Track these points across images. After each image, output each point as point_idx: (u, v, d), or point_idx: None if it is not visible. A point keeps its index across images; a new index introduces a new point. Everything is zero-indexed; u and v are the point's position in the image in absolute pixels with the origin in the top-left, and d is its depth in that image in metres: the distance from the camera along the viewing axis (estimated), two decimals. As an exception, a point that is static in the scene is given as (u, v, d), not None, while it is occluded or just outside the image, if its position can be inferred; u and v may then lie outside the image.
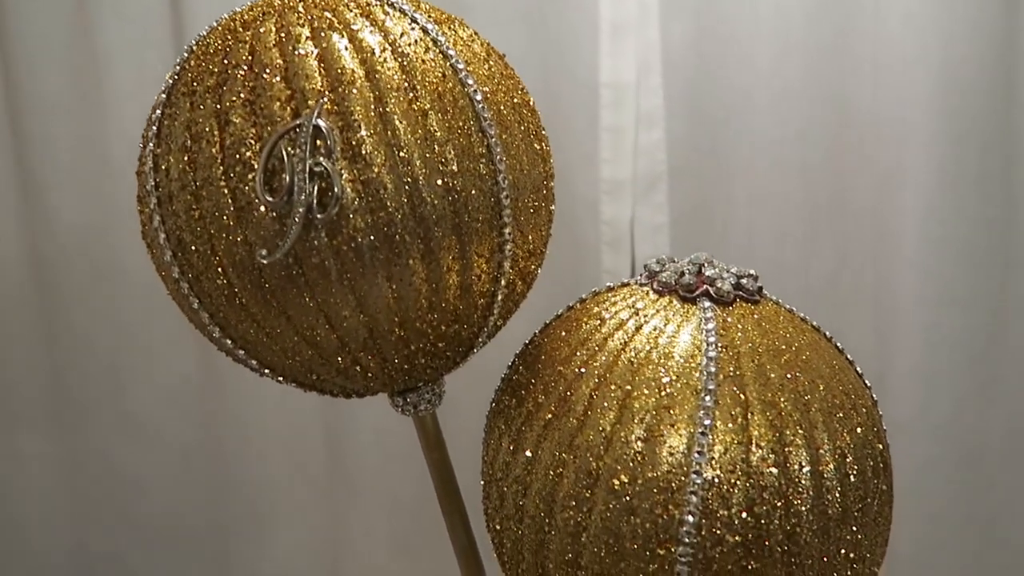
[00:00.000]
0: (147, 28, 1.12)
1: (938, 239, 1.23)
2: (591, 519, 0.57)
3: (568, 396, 0.60)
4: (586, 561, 0.58)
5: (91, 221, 1.22)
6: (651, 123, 1.23)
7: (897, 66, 1.19)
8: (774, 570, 0.54)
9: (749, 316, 0.62)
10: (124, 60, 1.16)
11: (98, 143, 1.20)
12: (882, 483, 0.58)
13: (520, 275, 0.66)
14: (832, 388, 0.58)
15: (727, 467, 0.54)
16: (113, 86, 1.18)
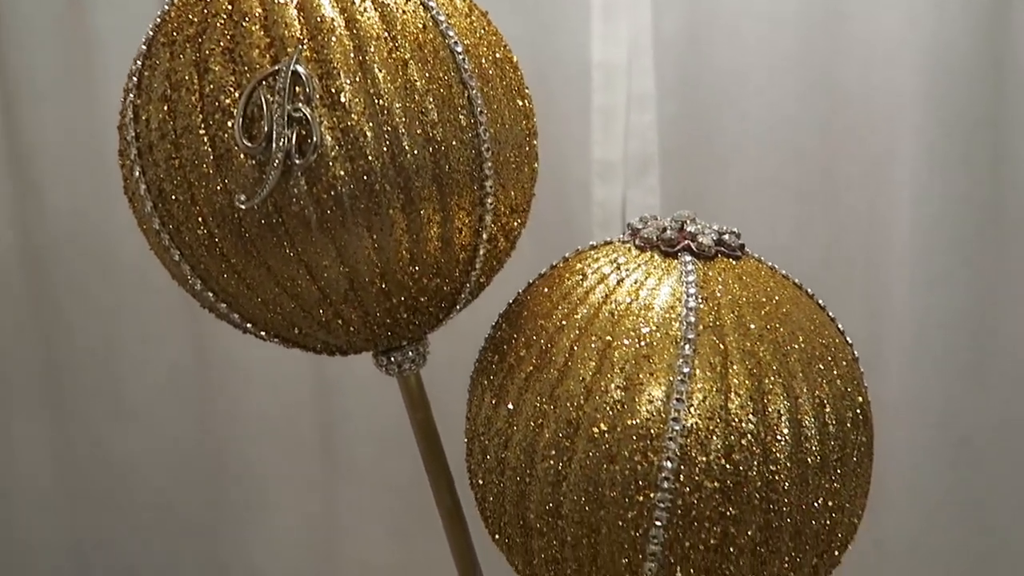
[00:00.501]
0: (139, 13, 1.12)
1: (929, 222, 1.23)
2: (571, 467, 0.57)
3: (549, 348, 0.60)
4: (567, 510, 0.58)
5: (83, 209, 1.22)
6: (643, 105, 1.24)
7: (888, 49, 1.20)
8: (752, 516, 0.54)
9: (730, 270, 0.62)
10: (115, 46, 1.16)
11: (89, 131, 1.20)
12: (862, 435, 0.58)
13: (502, 231, 0.66)
14: (812, 340, 0.58)
15: (706, 414, 0.54)
16: (104, 73, 1.18)
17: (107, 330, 1.26)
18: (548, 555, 0.58)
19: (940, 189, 1.20)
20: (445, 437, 0.77)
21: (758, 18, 1.20)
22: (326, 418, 1.31)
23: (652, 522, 0.53)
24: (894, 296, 1.26)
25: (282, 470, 1.33)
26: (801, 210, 1.25)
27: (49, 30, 1.14)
